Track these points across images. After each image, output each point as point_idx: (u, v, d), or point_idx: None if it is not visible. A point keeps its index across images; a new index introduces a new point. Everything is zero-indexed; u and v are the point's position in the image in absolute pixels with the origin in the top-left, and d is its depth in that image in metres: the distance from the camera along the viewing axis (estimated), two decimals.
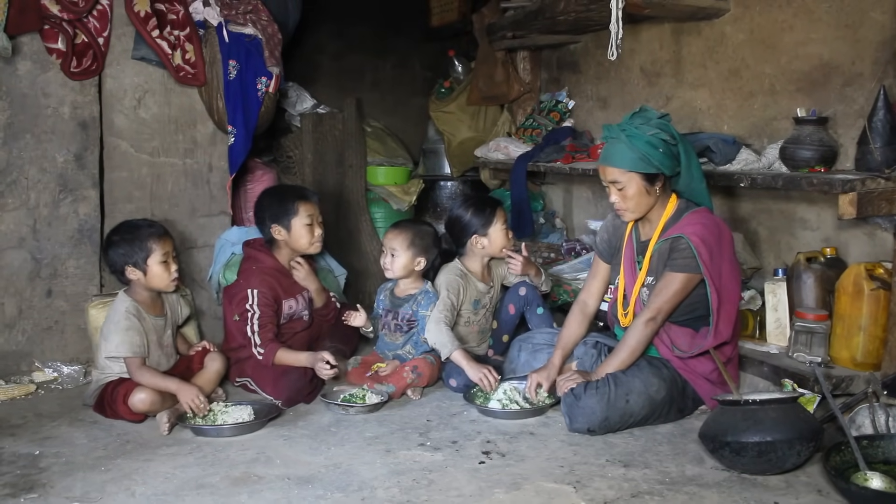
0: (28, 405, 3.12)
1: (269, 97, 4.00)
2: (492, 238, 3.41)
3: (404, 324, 3.34)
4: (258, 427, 2.83)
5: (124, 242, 3.08)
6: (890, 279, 2.69)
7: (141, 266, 3.06)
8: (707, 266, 2.69)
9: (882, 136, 2.74)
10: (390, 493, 2.30)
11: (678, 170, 2.80)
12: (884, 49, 2.89)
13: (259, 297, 3.23)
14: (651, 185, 2.77)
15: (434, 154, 5.31)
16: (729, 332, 2.76)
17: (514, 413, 2.91)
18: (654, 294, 2.80)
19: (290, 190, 3.57)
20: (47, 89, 3.48)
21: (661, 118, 2.78)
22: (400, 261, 3.33)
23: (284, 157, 4.85)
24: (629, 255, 2.95)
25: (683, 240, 2.73)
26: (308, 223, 3.36)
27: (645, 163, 2.72)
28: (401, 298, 3.40)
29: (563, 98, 4.71)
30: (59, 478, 2.43)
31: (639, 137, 2.71)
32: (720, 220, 2.85)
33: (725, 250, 2.76)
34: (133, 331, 2.97)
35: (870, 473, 2.22)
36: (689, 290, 2.77)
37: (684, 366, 2.81)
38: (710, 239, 2.72)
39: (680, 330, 2.83)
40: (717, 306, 2.71)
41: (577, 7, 3.67)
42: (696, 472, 2.43)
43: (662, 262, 2.81)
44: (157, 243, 3.09)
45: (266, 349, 3.17)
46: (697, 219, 2.77)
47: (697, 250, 2.69)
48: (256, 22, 3.93)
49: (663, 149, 2.72)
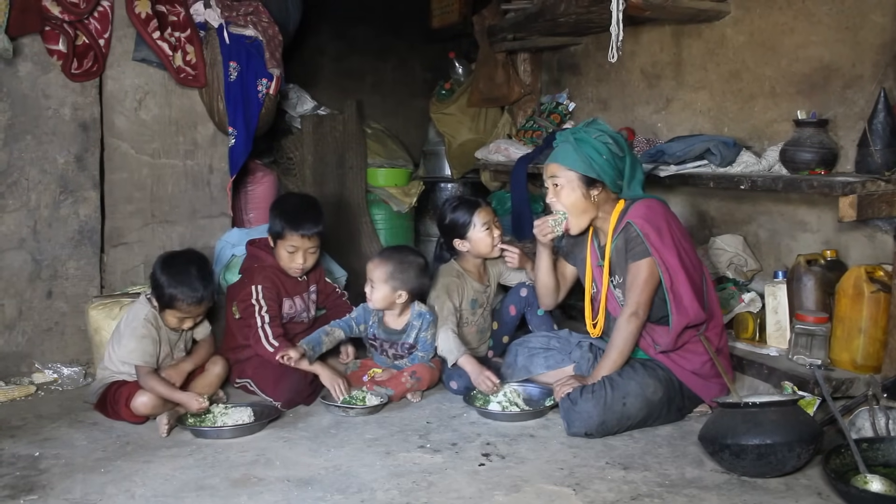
0: (28, 406, 3.12)
1: (270, 99, 4.00)
2: (473, 240, 3.39)
3: (405, 351, 3.30)
4: (258, 429, 2.83)
5: (165, 277, 2.97)
6: (890, 282, 2.69)
7: (162, 304, 3.01)
8: (656, 247, 2.72)
9: (882, 139, 2.74)
10: (390, 495, 2.30)
11: (620, 183, 2.86)
12: (884, 51, 2.89)
13: (263, 291, 3.22)
14: (587, 190, 2.82)
15: (434, 156, 5.32)
16: (696, 309, 2.74)
17: (514, 415, 2.90)
18: (627, 290, 2.82)
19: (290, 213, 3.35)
20: (48, 91, 3.48)
21: (614, 134, 2.85)
22: (378, 293, 3.21)
23: (285, 158, 4.85)
24: (594, 260, 2.99)
25: (631, 227, 2.77)
26: (291, 252, 3.31)
27: (586, 164, 2.79)
28: (397, 331, 3.30)
29: (563, 100, 4.71)
30: (59, 479, 2.43)
31: (585, 141, 2.81)
32: (664, 203, 2.87)
33: (674, 229, 2.79)
34: (148, 339, 2.96)
35: (870, 476, 2.22)
36: (657, 274, 2.77)
37: (673, 364, 2.82)
38: (656, 219, 2.76)
39: (660, 329, 2.84)
40: (670, 284, 2.72)
41: (578, 9, 3.67)
42: (696, 474, 2.43)
43: (622, 257, 2.84)
44: (184, 305, 2.98)
45: (279, 343, 3.11)
46: (641, 204, 2.82)
47: (643, 232, 2.73)
48: (257, 23, 3.94)
49: (607, 156, 2.79)
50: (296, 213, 3.32)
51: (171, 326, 3.06)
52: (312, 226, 3.32)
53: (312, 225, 3.32)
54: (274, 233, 3.32)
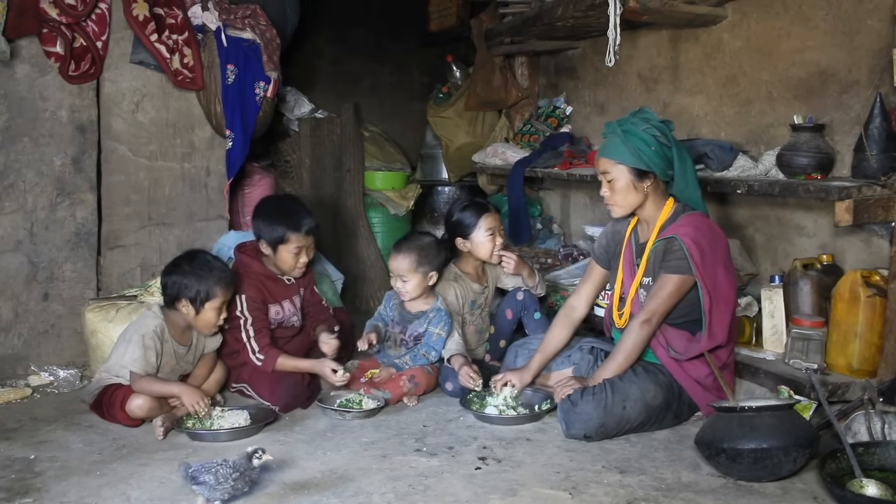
0: (24, 409, 3.11)
1: (268, 102, 4.00)
2: (475, 242, 3.42)
3: (410, 340, 3.31)
4: (254, 432, 2.82)
5: (193, 276, 2.96)
6: (886, 286, 2.70)
7: (197, 305, 2.98)
8: (698, 267, 2.70)
9: (878, 144, 2.74)
10: (386, 499, 2.30)
11: (671, 173, 2.83)
12: (880, 56, 2.90)
13: (248, 303, 3.20)
14: (639, 182, 2.81)
15: (432, 159, 5.32)
16: (724, 335, 2.76)
17: (511, 419, 2.90)
18: (648, 296, 2.81)
19: (286, 216, 3.34)
20: (45, 93, 3.48)
21: (662, 122, 2.82)
22: (412, 284, 3.25)
23: (282, 161, 4.85)
24: (628, 257, 2.96)
25: (676, 241, 2.75)
26: (296, 252, 3.31)
27: (635, 157, 2.77)
28: (411, 314, 3.33)
29: (560, 104, 4.72)
30: (55, 482, 2.42)
31: (633, 133, 2.78)
32: (715, 224, 2.86)
33: (719, 254, 2.77)
34: (152, 351, 2.93)
35: (865, 481, 2.23)
36: (683, 292, 2.77)
37: (679, 369, 2.81)
38: (703, 241, 2.74)
39: (676, 332, 2.83)
40: (708, 307, 2.72)
41: (576, 13, 3.68)
42: (692, 478, 2.43)
43: (658, 263, 2.83)
44: (222, 289, 3.00)
45: (266, 356, 3.14)
46: (691, 221, 2.79)
47: (689, 251, 2.71)
48: (255, 26, 3.94)
49: (655, 147, 2.77)
50: (290, 214, 3.33)
51: (202, 330, 3.03)
52: (311, 220, 3.36)
53: (310, 219, 3.36)
54: (274, 240, 3.29)
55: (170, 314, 3.04)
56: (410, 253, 3.26)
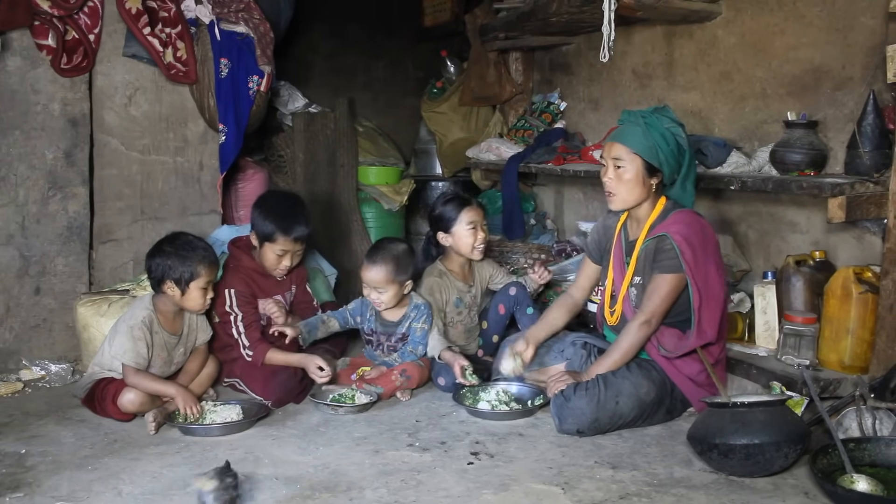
0: (15, 403, 3.10)
1: (261, 96, 3.99)
2: (456, 236, 3.41)
3: (399, 344, 3.31)
4: (246, 427, 2.82)
5: (176, 257, 2.95)
6: (878, 283, 2.70)
7: (182, 285, 2.97)
8: (690, 265, 2.71)
9: (871, 141, 2.75)
10: (378, 494, 2.30)
11: (675, 178, 2.83)
12: (874, 53, 2.90)
13: (237, 298, 3.20)
14: (648, 178, 2.80)
15: (426, 154, 5.31)
16: (714, 332, 2.77)
17: (504, 414, 2.91)
18: (645, 298, 2.81)
19: (281, 216, 3.30)
20: (37, 86, 3.46)
21: (679, 125, 2.83)
22: (388, 294, 3.21)
23: (276, 156, 4.83)
24: (618, 254, 2.97)
25: (667, 239, 2.75)
26: (279, 255, 3.29)
27: (652, 152, 2.76)
28: (393, 322, 3.30)
29: (554, 99, 4.72)
30: (46, 477, 2.42)
31: (656, 128, 2.76)
32: (705, 221, 2.86)
33: (710, 251, 2.78)
34: (142, 342, 2.92)
35: (856, 476, 2.23)
36: (679, 290, 2.78)
37: (671, 367, 2.82)
38: (694, 238, 2.74)
39: (667, 330, 2.84)
40: (698, 305, 2.72)
41: (570, 9, 3.68)
42: (684, 474, 2.43)
43: (649, 262, 2.83)
44: (206, 269, 2.99)
45: (255, 350, 3.15)
46: (682, 218, 2.80)
47: (680, 249, 2.71)
48: (248, 20, 3.92)
49: (673, 147, 2.77)
50: (286, 216, 3.28)
51: (191, 308, 3.02)
52: (304, 228, 3.30)
53: (303, 227, 3.30)
54: (263, 235, 3.28)
55: (158, 302, 3.02)
56: (387, 263, 3.19)
